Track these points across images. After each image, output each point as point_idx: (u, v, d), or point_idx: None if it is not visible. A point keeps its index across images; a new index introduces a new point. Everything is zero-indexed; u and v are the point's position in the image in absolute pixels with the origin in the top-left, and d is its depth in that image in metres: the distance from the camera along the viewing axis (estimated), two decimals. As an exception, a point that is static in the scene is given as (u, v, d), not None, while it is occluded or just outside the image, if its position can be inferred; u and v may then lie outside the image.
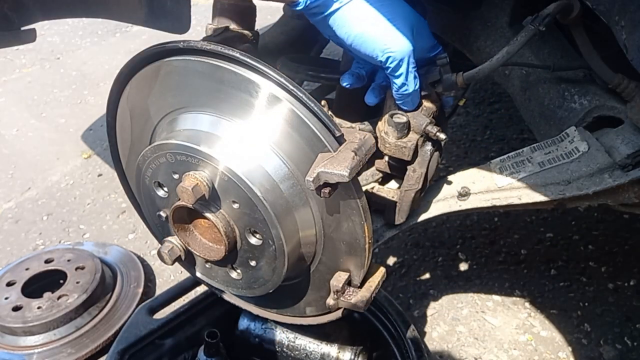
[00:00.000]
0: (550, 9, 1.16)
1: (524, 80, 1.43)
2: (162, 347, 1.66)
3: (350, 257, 1.11)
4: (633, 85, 1.19)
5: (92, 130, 3.42)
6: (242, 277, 1.17)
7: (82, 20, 4.78)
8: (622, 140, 1.19)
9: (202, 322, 1.72)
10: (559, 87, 1.34)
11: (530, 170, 1.27)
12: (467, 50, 1.57)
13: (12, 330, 1.93)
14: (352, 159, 0.94)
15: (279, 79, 1.00)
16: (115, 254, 2.34)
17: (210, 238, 1.15)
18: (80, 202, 2.81)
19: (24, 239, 2.59)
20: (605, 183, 1.19)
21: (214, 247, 1.14)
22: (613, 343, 1.89)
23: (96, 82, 3.99)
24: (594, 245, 2.27)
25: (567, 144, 1.24)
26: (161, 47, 1.09)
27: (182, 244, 1.16)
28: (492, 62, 1.19)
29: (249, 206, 1.03)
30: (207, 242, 1.15)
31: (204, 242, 1.16)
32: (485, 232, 2.39)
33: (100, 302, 2.06)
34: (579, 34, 1.23)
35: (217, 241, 1.13)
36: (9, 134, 3.45)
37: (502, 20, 1.45)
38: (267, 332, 1.64)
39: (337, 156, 0.95)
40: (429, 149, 1.21)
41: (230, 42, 1.28)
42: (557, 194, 1.22)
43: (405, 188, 1.25)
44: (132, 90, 1.20)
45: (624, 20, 0.98)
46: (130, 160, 1.31)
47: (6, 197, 2.88)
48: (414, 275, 2.21)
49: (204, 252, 1.15)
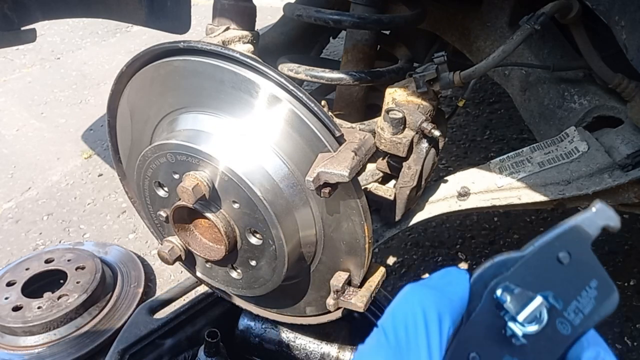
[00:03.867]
0: (546, 9, 1.16)
1: (523, 80, 1.43)
2: (162, 347, 1.66)
3: (350, 257, 1.11)
4: (633, 85, 1.19)
5: (92, 130, 3.42)
6: (243, 276, 1.17)
7: (82, 20, 4.78)
8: (622, 140, 1.19)
9: (202, 322, 1.72)
10: (558, 87, 1.35)
11: (530, 170, 1.27)
12: (467, 50, 1.57)
13: (12, 330, 1.93)
14: (352, 159, 0.94)
15: (279, 79, 1.00)
16: (116, 254, 2.34)
17: (210, 238, 1.15)
18: (81, 202, 2.81)
19: (24, 239, 2.59)
20: (605, 183, 1.19)
21: (214, 247, 1.14)
22: (613, 343, 1.89)
23: (96, 82, 4.00)
24: (594, 245, 2.26)
25: (567, 144, 1.25)
26: (161, 47, 1.09)
27: (182, 244, 1.16)
28: (488, 61, 1.19)
29: (249, 206, 1.03)
30: (207, 242, 1.15)
31: (204, 242, 1.16)
32: (485, 232, 2.39)
33: (100, 302, 2.06)
34: (579, 34, 1.23)
35: (217, 241, 1.13)
36: (9, 134, 3.45)
37: (502, 21, 1.46)
38: (267, 332, 1.64)
39: (337, 156, 0.95)
40: (425, 147, 1.21)
41: (230, 42, 1.29)
42: (556, 194, 1.23)
43: (400, 185, 1.25)
44: (132, 91, 1.20)
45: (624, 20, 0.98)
46: (130, 161, 1.31)
47: (6, 197, 2.88)
48: (414, 275, 2.21)
49: (204, 252, 1.15)
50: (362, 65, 1.48)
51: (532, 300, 0.48)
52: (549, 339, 0.48)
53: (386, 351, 0.46)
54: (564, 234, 0.51)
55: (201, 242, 1.16)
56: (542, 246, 0.51)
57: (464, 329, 0.49)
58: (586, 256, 0.50)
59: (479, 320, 0.49)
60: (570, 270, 0.50)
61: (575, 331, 0.48)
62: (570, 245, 0.50)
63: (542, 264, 0.50)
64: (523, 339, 0.48)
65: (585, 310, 0.49)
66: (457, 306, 0.49)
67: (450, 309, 0.49)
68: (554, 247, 0.50)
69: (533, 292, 0.48)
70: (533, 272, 0.50)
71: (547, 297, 0.49)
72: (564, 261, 0.50)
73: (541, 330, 0.48)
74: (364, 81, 1.37)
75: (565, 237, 0.51)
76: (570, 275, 0.50)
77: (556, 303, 0.49)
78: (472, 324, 0.50)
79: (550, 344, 0.48)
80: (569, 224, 0.51)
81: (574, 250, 0.50)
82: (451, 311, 0.49)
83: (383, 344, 0.47)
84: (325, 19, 1.32)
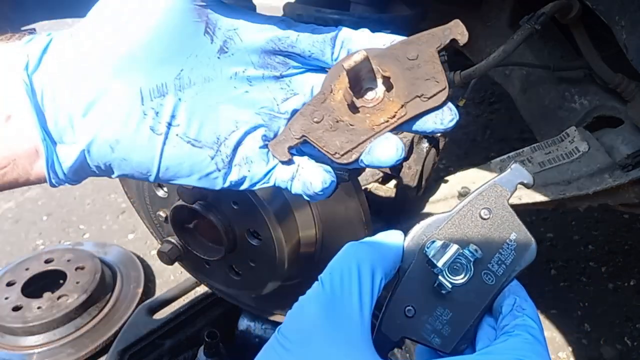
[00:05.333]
0: (547, 9, 1.16)
1: (524, 80, 1.43)
2: (162, 347, 1.66)
3: (350, 257, 1.10)
4: (633, 85, 1.19)
5: (92, 130, 3.42)
6: (242, 277, 1.17)
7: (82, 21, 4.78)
8: (622, 140, 1.19)
9: (202, 322, 1.72)
10: (559, 87, 1.34)
11: (530, 170, 1.26)
12: (467, 50, 1.57)
13: (12, 330, 1.93)
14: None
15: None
16: (115, 254, 2.34)
17: (210, 238, 1.15)
18: (80, 202, 2.81)
19: (24, 239, 2.59)
20: (606, 183, 1.19)
21: (213, 247, 1.14)
22: (613, 343, 1.89)
23: (96, 82, 4.00)
24: (594, 245, 2.27)
25: (568, 144, 1.24)
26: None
27: (182, 244, 1.16)
28: (488, 61, 1.19)
29: (248, 207, 1.03)
30: (207, 242, 1.15)
31: (203, 242, 1.16)
32: (485, 232, 2.38)
33: (100, 302, 2.06)
34: (579, 33, 1.23)
35: (217, 241, 1.13)
36: (9, 134, 3.45)
37: (502, 21, 1.45)
38: (267, 332, 1.64)
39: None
40: (425, 147, 1.21)
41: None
42: (557, 194, 1.22)
43: (401, 185, 1.25)
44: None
45: (624, 20, 0.98)
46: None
47: (6, 197, 2.88)
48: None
49: (204, 252, 1.15)
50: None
51: (450, 249, 0.52)
52: (476, 290, 0.53)
53: (322, 298, 0.51)
54: (485, 193, 0.56)
55: (201, 242, 1.16)
56: (466, 205, 0.56)
57: (401, 286, 0.54)
58: (505, 212, 0.55)
59: (414, 277, 0.54)
60: (491, 225, 0.55)
61: (499, 281, 0.53)
62: (491, 202, 0.55)
63: (466, 221, 0.55)
64: (452, 290, 0.52)
65: (507, 261, 0.54)
66: (390, 261, 0.54)
67: (383, 263, 0.54)
68: (476, 205, 0.55)
69: (454, 244, 0.53)
70: (458, 229, 0.55)
71: (469, 249, 0.53)
72: (485, 217, 0.55)
73: (468, 281, 0.53)
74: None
75: (485, 196, 0.56)
76: (492, 230, 0.55)
77: (479, 255, 0.53)
78: (408, 281, 0.54)
79: (478, 294, 0.53)
80: (488, 184, 0.56)
81: (494, 207, 0.55)
82: (384, 265, 0.53)
83: (320, 292, 0.51)
84: (326, 19, 1.32)
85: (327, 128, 0.54)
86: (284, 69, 0.56)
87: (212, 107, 0.53)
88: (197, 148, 0.53)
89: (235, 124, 0.54)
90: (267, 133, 0.56)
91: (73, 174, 0.53)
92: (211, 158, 0.54)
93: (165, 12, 0.49)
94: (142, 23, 0.49)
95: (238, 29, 0.53)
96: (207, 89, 0.53)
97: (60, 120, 0.50)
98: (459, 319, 0.53)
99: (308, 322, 0.50)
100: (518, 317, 0.51)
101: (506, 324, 0.51)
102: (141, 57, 0.50)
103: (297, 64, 0.56)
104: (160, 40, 0.50)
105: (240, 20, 0.53)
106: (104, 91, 0.50)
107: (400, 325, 0.54)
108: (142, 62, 0.50)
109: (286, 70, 0.56)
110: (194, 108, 0.52)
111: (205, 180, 0.55)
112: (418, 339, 0.53)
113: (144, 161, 0.53)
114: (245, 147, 0.55)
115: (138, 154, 0.52)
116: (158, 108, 0.51)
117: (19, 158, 0.51)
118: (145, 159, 0.53)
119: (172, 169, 0.54)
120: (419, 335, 0.53)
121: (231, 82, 0.54)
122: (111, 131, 0.51)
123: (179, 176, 0.55)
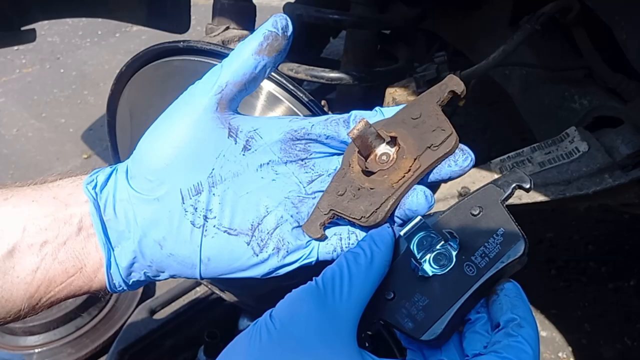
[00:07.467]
0: (547, 9, 1.16)
1: (524, 80, 1.43)
2: (162, 348, 1.66)
3: (350, 257, 1.10)
4: (633, 85, 1.19)
5: (92, 130, 3.42)
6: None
7: (82, 20, 4.77)
8: (622, 140, 1.19)
9: (202, 322, 1.72)
10: (559, 87, 1.35)
11: (530, 170, 1.26)
12: (468, 50, 1.57)
13: (12, 330, 1.93)
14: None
15: (278, 79, 1.00)
16: (115, 254, 2.34)
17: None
18: (80, 202, 2.80)
19: (24, 239, 2.59)
20: (606, 183, 1.19)
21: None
22: (613, 343, 1.89)
23: (96, 82, 3.99)
24: (594, 245, 2.27)
25: (568, 144, 1.24)
26: (161, 47, 1.09)
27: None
28: (488, 61, 1.19)
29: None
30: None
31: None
32: (485, 232, 2.38)
33: (100, 302, 2.06)
34: (579, 33, 1.23)
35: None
36: (9, 134, 3.45)
37: (502, 21, 1.46)
38: (267, 332, 1.64)
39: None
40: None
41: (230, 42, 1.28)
42: (557, 194, 1.22)
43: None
44: (132, 91, 1.20)
45: (624, 20, 0.98)
46: (130, 160, 1.31)
47: (6, 197, 2.88)
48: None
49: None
50: (362, 65, 1.48)
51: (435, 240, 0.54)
52: (456, 279, 0.54)
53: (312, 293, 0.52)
54: (479, 193, 0.57)
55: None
56: (459, 204, 0.57)
57: (388, 274, 0.56)
58: (496, 210, 0.56)
59: (399, 267, 0.56)
60: (480, 221, 0.56)
61: (480, 272, 0.54)
62: (484, 201, 0.56)
63: (457, 217, 0.57)
64: (432, 278, 0.54)
65: (490, 254, 0.54)
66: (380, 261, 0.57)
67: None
68: (469, 204, 0.57)
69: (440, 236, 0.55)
70: (448, 224, 0.56)
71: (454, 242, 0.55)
72: (475, 214, 0.56)
73: (449, 271, 0.54)
74: (364, 81, 1.37)
75: (480, 196, 0.57)
76: (480, 225, 0.55)
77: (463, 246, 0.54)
78: (392, 270, 0.56)
79: (456, 283, 0.54)
80: (485, 186, 0.57)
81: (486, 206, 0.56)
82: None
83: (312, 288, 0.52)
84: (326, 19, 1.32)
85: (351, 197, 0.58)
86: (306, 154, 0.62)
87: (243, 197, 0.60)
88: (234, 236, 0.59)
89: (266, 210, 0.60)
90: (297, 215, 0.61)
91: (127, 275, 0.60)
92: (247, 244, 0.60)
93: (193, 124, 0.59)
94: (175, 139, 0.59)
95: (258, 129, 0.61)
96: (236, 182, 0.60)
97: (120, 226, 0.58)
98: (434, 306, 0.54)
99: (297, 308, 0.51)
100: (512, 337, 0.49)
101: (498, 341, 0.50)
102: (179, 165, 0.59)
103: (319, 150, 0.62)
104: (193, 149, 0.59)
105: (259, 122, 0.62)
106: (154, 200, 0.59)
107: (378, 307, 0.55)
108: (181, 168, 0.59)
109: (309, 156, 0.62)
110: (226, 200, 0.59)
111: (247, 271, 0.61)
112: (392, 321, 0.55)
113: (188, 254, 0.59)
114: (279, 230, 0.60)
115: (182, 247, 0.59)
116: (196, 204, 0.58)
117: (84, 267, 0.58)
118: (188, 252, 0.59)
119: (214, 260, 0.60)
120: (394, 318, 0.55)
121: (258, 173, 0.61)
122: (159, 230, 0.58)
123: (221, 267, 0.61)
